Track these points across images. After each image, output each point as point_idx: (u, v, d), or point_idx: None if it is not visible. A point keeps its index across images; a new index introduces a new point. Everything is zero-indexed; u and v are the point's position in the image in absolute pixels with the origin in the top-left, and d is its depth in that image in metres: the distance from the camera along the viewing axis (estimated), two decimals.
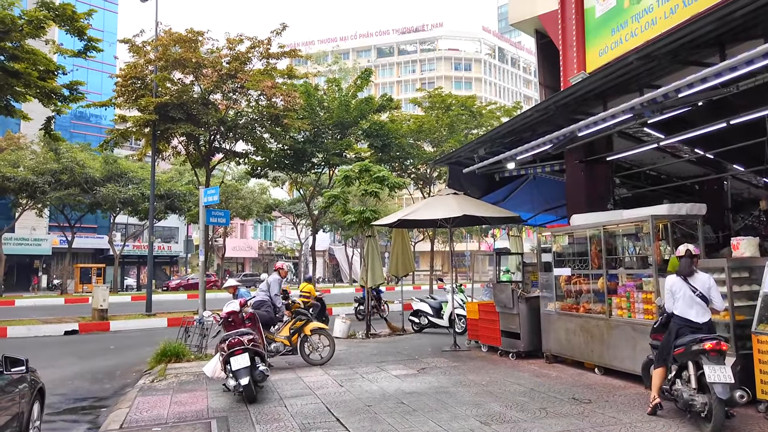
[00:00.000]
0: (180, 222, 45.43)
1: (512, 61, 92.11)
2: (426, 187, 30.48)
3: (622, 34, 10.16)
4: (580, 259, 8.85)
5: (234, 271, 54.79)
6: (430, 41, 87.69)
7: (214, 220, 12.84)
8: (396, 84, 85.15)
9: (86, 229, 43.13)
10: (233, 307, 8.11)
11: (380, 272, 13.97)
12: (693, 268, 5.76)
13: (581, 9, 11.22)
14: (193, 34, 20.73)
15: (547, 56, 12.99)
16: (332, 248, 62.15)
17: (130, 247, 43.49)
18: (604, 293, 8.10)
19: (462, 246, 57.73)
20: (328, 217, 37.81)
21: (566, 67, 11.44)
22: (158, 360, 9.98)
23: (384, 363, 9.67)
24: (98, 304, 17.23)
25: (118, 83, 20.98)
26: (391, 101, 27.08)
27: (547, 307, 9.35)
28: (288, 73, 23.10)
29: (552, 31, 12.03)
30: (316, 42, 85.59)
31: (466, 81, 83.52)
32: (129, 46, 20.88)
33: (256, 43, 21.52)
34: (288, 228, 55.96)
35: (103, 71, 45.24)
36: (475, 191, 12.71)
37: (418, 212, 11.65)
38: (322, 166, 26.50)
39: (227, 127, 22.02)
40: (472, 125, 29.11)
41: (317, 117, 24.56)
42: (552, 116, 9.07)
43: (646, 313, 7.30)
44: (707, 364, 5.24)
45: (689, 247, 5.86)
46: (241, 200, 39.71)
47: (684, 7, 8.78)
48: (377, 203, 18.70)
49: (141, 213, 34.55)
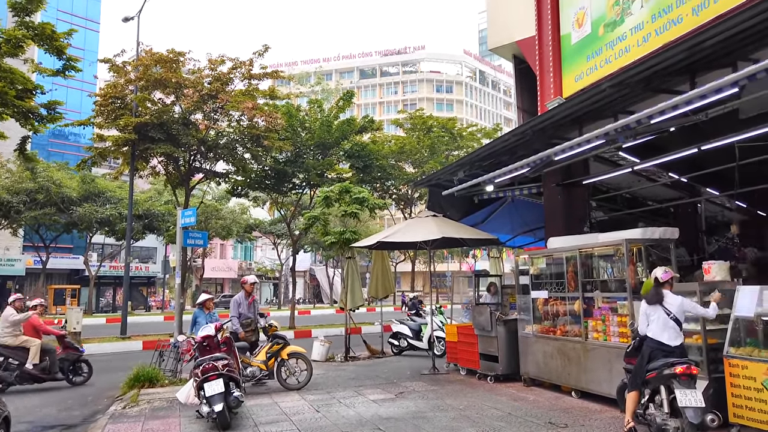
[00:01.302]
0: (158, 242, 44.86)
1: (493, 83, 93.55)
2: (407, 208, 30.59)
3: (597, 60, 10.38)
4: (557, 282, 8.90)
5: (213, 291, 54.08)
6: (412, 63, 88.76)
7: (191, 241, 12.70)
8: (378, 105, 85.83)
9: (61, 249, 42.35)
10: (208, 331, 7.97)
11: (360, 294, 13.91)
12: (661, 295, 5.82)
13: (557, 36, 11.45)
14: (175, 54, 20.68)
15: (525, 81, 13.20)
16: (313, 269, 61.73)
17: (106, 267, 42.78)
18: (581, 316, 8.14)
19: (443, 266, 57.80)
20: (309, 237, 37.62)
21: (543, 92, 11.63)
22: (131, 385, 9.75)
23: (362, 387, 9.56)
24: (72, 327, 16.78)
25: (98, 102, 20.78)
26: (373, 122, 27.22)
27: (525, 329, 9.37)
28: (270, 93, 23.10)
29: (529, 57, 12.25)
30: (299, 62, 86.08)
31: (447, 102, 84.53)
32: (109, 66, 20.76)
33: (238, 64, 21.52)
34: (268, 248, 55.53)
35: (82, 89, 44.87)
36: (454, 213, 12.78)
37: (397, 234, 11.64)
38: (303, 187, 26.44)
39: (207, 147, 21.89)
40: (453, 147, 29.40)
41: (299, 137, 24.56)
42: (529, 140, 9.19)
43: (622, 336, 7.35)
44: (679, 389, 5.27)
45: (657, 274, 5.92)
46: (221, 220, 39.39)
47: (656, 36, 9.02)
48: (357, 224, 18.68)
49: (118, 233, 34.05)
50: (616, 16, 9.95)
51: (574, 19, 11.08)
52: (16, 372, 10.01)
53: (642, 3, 9.38)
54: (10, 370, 9.99)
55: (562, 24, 11.39)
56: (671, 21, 8.74)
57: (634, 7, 9.54)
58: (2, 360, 10.02)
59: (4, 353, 10.06)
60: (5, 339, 10.14)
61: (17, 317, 10.28)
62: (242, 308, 9.88)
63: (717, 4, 7.92)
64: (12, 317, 10.24)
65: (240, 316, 9.81)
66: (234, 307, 9.87)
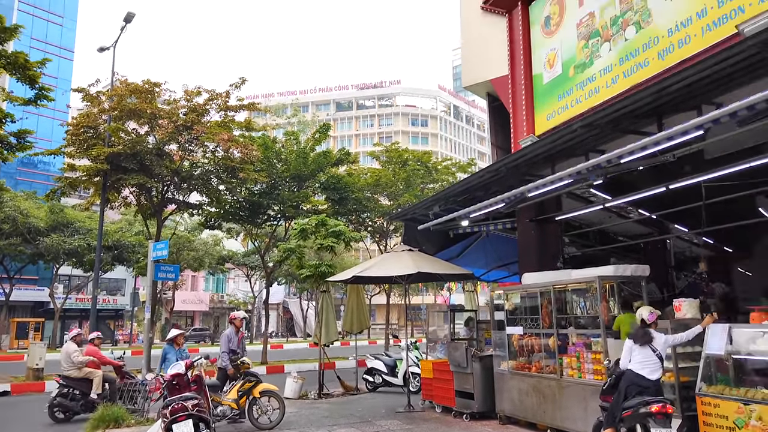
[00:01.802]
0: (127, 274, 43.80)
1: (467, 118, 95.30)
2: (382, 240, 30.56)
3: (568, 100, 10.67)
4: (531, 318, 8.94)
5: (183, 324, 52.82)
6: (388, 97, 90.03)
7: (162, 275, 12.46)
8: (354, 137, 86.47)
9: (26, 280, 40.99)
10: (178, 369, 7.75)
11: (334, 329, 13.75)
12: (650, 337, 5.91)
13: (530, 75, 11.77)
14: (150, 85, 20.60)
15: (499, 118, 13.47)
16: (287, 301, 60.89)
17: (72, 299, 41.54)
18: (555, 353, 8.16)
19: (418, 299, 57.59)
20: (283, 269, 37.24)
21: (516, 130, 11.87)
22: (95, 426, 9.36)
23: (336, 426, 9.36)
24: (34, 363, 16.22)
25: (70, 131, 20.49)
26: (349, 155, 27.37)
27: (500, 366, 9.34)
28: (246, 125, 23.11)
29: (503, 95, 12.53)
30: (275, 94, 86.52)
31: (422, 136, 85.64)
32: (83, 95, 20.57)
33: (215, 95, 21.53)
34: (241, 280, 54.63)
35: (54, 118, 44.26)
36: (430, 247, 12.83)
37: (373, 269, 11.61)
38: (278, 218, 26.28)
39: (181, 178, 21.69)
40: (428, 180, 29.64)
41: (274, 169, 24.52)
42: (503, 177, 9.35)
43: (596, 373, 7.37)
44: (654, 427, 5.30)
45: (644, 315, 6.01)
46: (193, 252, 38.69)
47: (624, 78, 9.34)
48: (333, 257, 18.58)
49: (86, 264, 33.17)
50: (585, 58, 10.29)
51: (545, 60, 11.42)
52: (81, 401, 10.82)
53: (610, 46, 9.73)
54: (76, 400, 10.83)
55: (534, 64, 11.72)
56: (638, 64, 9.07)
57: (603, 50, 9.89)
58: (68, 391, 10.83)
59: (69, 385, 10.83)
60: (70, 372, 10.91)
61: (81, 359, 10.95)
62: (233, 344, 9.87)
63: (681, 50, 8.27)
64: (76, 356, 10.93)
65: (231, 352, 9.75)
66: (225, 343, 9.88)
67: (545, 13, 11.48)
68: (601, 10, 9.99)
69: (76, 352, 10.98)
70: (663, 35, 8.62)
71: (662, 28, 8.65)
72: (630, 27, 9.31)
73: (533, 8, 11.86)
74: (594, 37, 10.11)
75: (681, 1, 8.34)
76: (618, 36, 9.56)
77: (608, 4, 9.82)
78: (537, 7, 11.76)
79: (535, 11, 11.80)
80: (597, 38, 10.04)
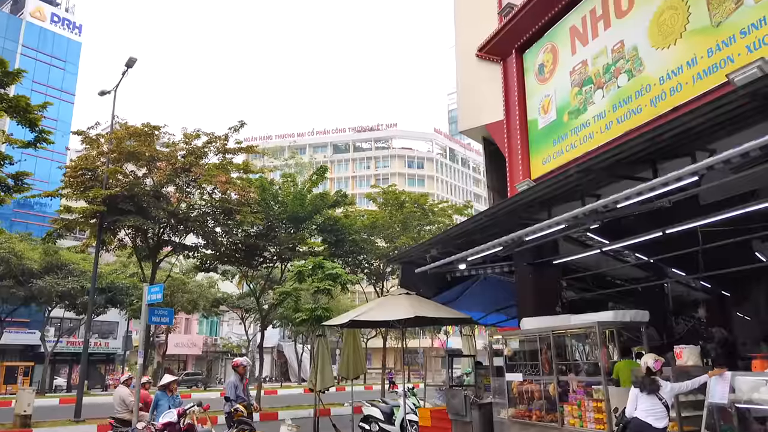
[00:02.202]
0: (120, 317, 43.21)
1: (462, 161, 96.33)
2: (379, 283, 30.36)
3: (563, 145, 10.81)
4: (531, 364, 8.80)
5: (175, 369, 51.79)
6: (384, 140, 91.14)
7: (157, 319, 12.26)
8: (351, 179, 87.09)
9: (17, 323, 40.34)
10: (170, 418, 7.58)
11: (330, 374, 13.51)
12: (657, 385, 5.83)
13: (525, 121, 11.95)
14: (150, 128, 20.85)
15: (495, 161, 13.60)
16: (281, 344, 59.96)
17: (63, 343, 40.82)
18: (556, 400, 8.00)
19: (415, 342, 56.83)
20: (279, 312, 36.86)
21: (512, 174, 11.97)
22: None
23: None
24: (21, 410, 15.79)
25: (67, 174, 20.59)
26: (346, 197, 27.47)
27: (500, 414, 9.14)
28: (244, 167, 23.30)
29: (498, 140, 12.69)
30: (273, 137, 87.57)
31: (419, 178, 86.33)
32: (82, 138, 20.77)
33: (213, 138, 21.78)
34: (235, 323, 53.93)
35: (53, 160, 44.58)
36: (427, 290, 12.73)
37: (370, 313, 11.49)
38: (275, 260, 26.16)
39: (178, 220, 21.69)
40: (425, 222, 29.69)
41: (271, 211, 24.55)
42: (500, 221, 9.37)
43: (597, 422, 7.22)
44: None
45: (649, 363, 5.93)
46: (187, 294, 38.33)
47: (617, 124, 9.49)
48: (329, 300, 18.42)
49: (79, 307, 32.80)
50: (579, 104, 10.48)
51: (540, 106, 11.62)
52: None
53: (603, 93, 9.93)
54: None
55: (529, 109, 11.92)
56: (631, 111, 9.24)
57: (596, 96, 10.08)
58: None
59: (123, 429, 10.58)
60: (123, 415, 10.72)
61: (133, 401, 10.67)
62: (239, 391, 9.88)
63: (673, 97, 8.44)
64: (130, 400, 10.71)
65: (237, 398, 9.73)
66: (231, 391, 9.89)
67: (539, 60, 11.75)
68: (593, 59, 10.23)
69: (131, 396, 10.81)
70: (655, 83, 8.81)
71: (654, 76, 8.85)
72: (622, 75, 9.52)
73: (527, 56, 12.15)
74: (587, 84, 10.32)
75: (671, 51, 8.56)
76: (611, 83, 9.76)
77: (600, 53, 10.07)
78: (531, 55, 12.04)
79: (529, 59, 12.08)
80: (590, 85, 10.25)
